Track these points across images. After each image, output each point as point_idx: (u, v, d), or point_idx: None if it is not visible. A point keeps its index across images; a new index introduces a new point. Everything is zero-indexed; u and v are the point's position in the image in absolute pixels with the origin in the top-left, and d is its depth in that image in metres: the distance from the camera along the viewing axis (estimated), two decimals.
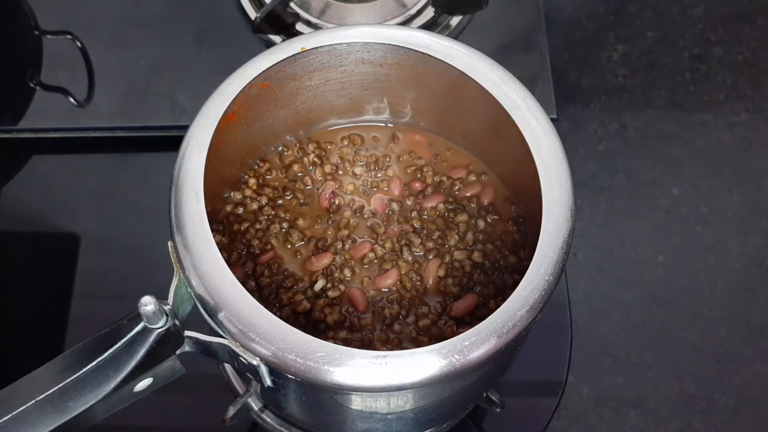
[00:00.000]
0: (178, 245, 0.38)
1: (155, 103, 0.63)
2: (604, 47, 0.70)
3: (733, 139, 0.65)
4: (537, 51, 0.65)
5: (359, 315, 0.45)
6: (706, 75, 0.68)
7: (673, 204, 0.63)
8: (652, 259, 0.61)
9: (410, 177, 0.49)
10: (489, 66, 0.43)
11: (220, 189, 0.48)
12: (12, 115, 0.63)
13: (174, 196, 0.39)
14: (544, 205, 0.39)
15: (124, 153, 0.64)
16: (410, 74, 0.46)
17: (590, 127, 0.66)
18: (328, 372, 0.35)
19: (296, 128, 0.50)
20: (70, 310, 0.57)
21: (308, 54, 0.44)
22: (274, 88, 0.45)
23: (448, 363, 0.35)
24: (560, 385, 0.56)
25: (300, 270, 0.47)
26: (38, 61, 0.65)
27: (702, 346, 0.59)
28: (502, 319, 0.36)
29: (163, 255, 0.39)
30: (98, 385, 0.36)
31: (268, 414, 0.54)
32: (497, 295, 0.45)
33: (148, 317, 0.35)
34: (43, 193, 0.63)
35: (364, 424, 0.45)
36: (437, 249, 0.47)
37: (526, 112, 0.42)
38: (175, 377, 0.40)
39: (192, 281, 0.37)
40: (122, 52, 0.65)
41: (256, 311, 0.36)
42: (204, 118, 0.41)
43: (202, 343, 0.38)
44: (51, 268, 0.60)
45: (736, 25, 0.71)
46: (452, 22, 0.66)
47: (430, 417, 0.48)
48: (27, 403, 0.34)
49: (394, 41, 0.44)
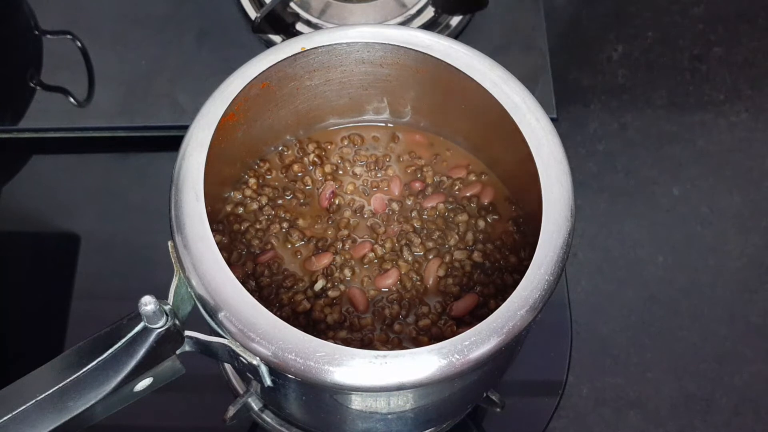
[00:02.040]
0: (178, 245, 0.38)
1: (155, 103, 0.63)
2: (604, 47, 0.70)
3: (733, 139, 0.65)
4: (537, 51, 0.65)
5: (359, 315, 0.45)
6: (706, 75, 0.68)
7: (673, 204, 0.63)
8: (652, 259, 0.61)
9: (410, 177, 0.49)
10: (489, 66, 0.43)
11: (220, 189, 0.48)
12: (12, 115, 0.63)
13: (174, 196, 0.39)
14: (544, 205, 0.39)
15: (124, 153, 0.64)
16: (410, 74, 0.46)
17: (590, 127, 0.66)
18: (328, 372, 0.35)
19: (296, 128, 0.50)
20: (70, 310, 0.57)
21: (308, 54, 0.44)
22: (274, 88, 0.45)
23: (448, 363, 0.35)
24: (560, 385, 0.56)
25: (300, 270, 0.47)
26: (38, 61, 0.65)
27: (702, 346, 0.59)
28: (502, 319, 0.36)
29: (163, 255, 0.39)
30: (98, 385, 0.36)
31: (268, 414, 0.54)
32: (497, 295, 0.45)
33: (148, 317, 0.35)
34: (43, 193, 0.63)
35: (364, 424, 0.45)
36: (437, 249, 0.47)
37: (526, 112, 0.42)
38: (175, 377, 0.40)
39: (192, 281, 0.37)
40: (122, 52, 0.65)
41: (256, 311, 0.36)
42: (204, 118, 0.41)
43: (202, 343, 0.38)
44: (51, 268, 0.60)
45: (736, 25, 0.71)
46: (452, 22, 0.66)
47: (430, 417, 0.48)
48: (27, 403, 0.34)
49: (394, 41, 0.44)
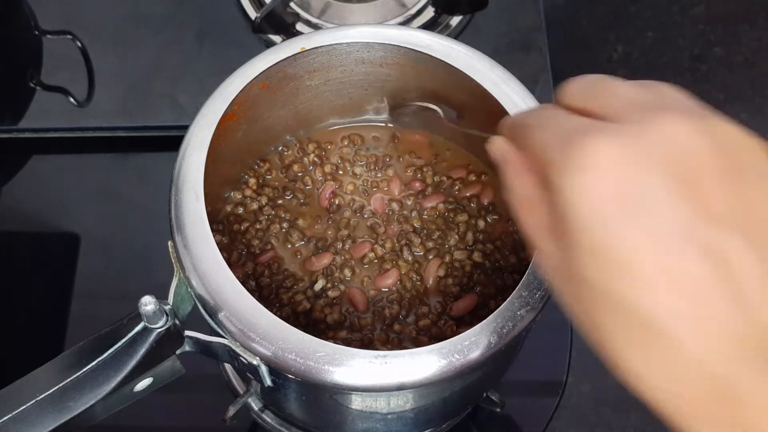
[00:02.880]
0: (178, 245, 0.38)
1: (155, 103, 0.63)
2: (604, 47, 0.70)
3: None
4: (537, 51, 0.65)
5: (359, 315, 0.45)
6: (706, 75, 0.68)
7: None
8: None
9: (410, 177, 0.49)
10: (489, 66, 0.43)
11: (220, 189, 0.48)
12: (12, 115, 0.63)
13: (174, 196, 0.39)
14: None
15: (124, 153, 0.64)
16: (410, 74, 0.46)
17: None
18: (328, 372, 0.35)
19: (296, 128, 0.50)
20: (70, 310, 0.58)
21: (308, 54, 0.44)
22: (274, 88, 0.45)
23: (448, 363, 0.35)
24: (560, 384, 0.56)
25: (300, 270, 0.46)
26: (38, 61, 0.65)
27: None
28: (502, 319, 0.36)
29: (163, 255, 0.39)
30: (98, 385, 0.36)
31: (268, 414, 0.54)
32: (497, 295, 0.45)
33: (148, 317, 0.35)
34: (43, 193, 0.63)
35: (364, 424, 0.45)
36: (437, 249, 0.47)
37: None
38: (175, 377, 0.40)
39: (192, 281, 0.37)
40: (122, 52, 0.65)
41: (256, 311, 0.36)
42: (204, 118, 0.41)
43: (202, 343, 0.38)
44: (51, 268, 0.60)
45: (736, 25, 0.71)
46: (452, 22, 0.66)
47: (430, 417, 0.48)
48: (27, 403, 0.34)
49: (394, 41, 0.44)
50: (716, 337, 0.24)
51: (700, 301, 0.24)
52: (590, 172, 0.25)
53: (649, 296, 0.25)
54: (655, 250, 0.25)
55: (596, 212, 0.25)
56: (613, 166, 0.25)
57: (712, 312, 0.24)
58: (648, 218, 0.25)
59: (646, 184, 0.25)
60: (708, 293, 0.24)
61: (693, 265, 0.24)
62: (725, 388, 0.24)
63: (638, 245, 0.25)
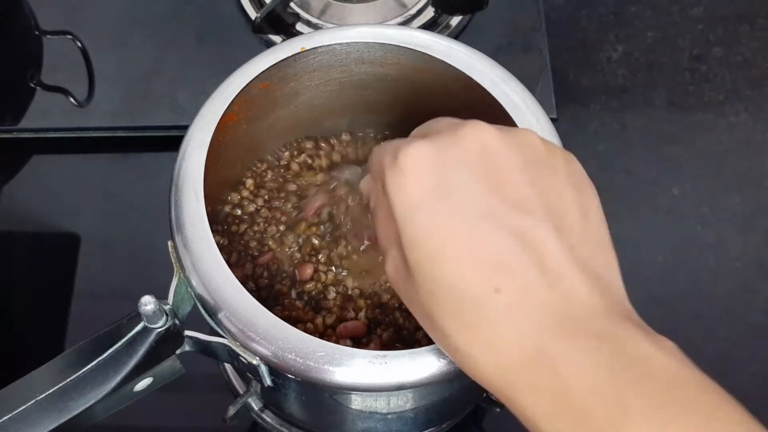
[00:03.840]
0: (178, 245, 0.38)
1: (155, 103, 0.63)
2: (604, 47, 0.69)
3: (733, 139, 0.65)
4: (537, 51, 0.65)
5: (356, 312, 0.45)
6: (706, 75, 0.68)
7: (673, 204, 0.63)
8: (652, 259, 0.61)
9: None
10: (489, 66, 0.43)
11: (220, 189, 0.48)
12: (12, 115, 0.63)
13: (174, 196, 0.39)
14: None
15: (124, 153, 0.64)
16: (410, 74, 0.46)
17: (590, 127, 0.66)
18: (328, 372, 0.35)
19: (296, 128, 0.50)
20: (70, 310, 0.57)
21: (308, 54, 0.44)
22: (274, 88, 0.45)
23: (448, 363, 0.35)
24: None
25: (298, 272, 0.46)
26: (38, 61, 0.65)
27: (702, 346, 0.59)
28: None
29: (163, 255, 0.39)
30: (98, 385, 0.36)
31: (268, 414, 0.54)
32: None
33: (148, 317, 0.35)
34: (43, 193, 0.63)
35: (364, 424, 0.45)
36: None
37: (526, 112, 0.42)
38: (175, 377, 0.40)
39: (192, 281, 0.37)
40: (122, 52, 0.65)
41: (256, 311, 0.36)
42: (204, 118, 0.41)
43: (202, 342, 0.38)
44: (51, 268, 0.60)
45: (736, 25, 0.70)
46: (452, 22, 0.66)
47: (430, 417, 0.48)
48: (27, 403, 0.34)
49: (394, 41, 0.44)
50: (528, 309, 0.27)
51: (508, 277, 0.27)
52: (409, 170, 0.29)
53: (462, 275, 0.28)
54: (464, 233, 0.28)
55: (413, 204, 0.29)
56: (428, 166, 0.29)
57: (521, 286, 0.27)
58: (457, 206, 0.28)
59: (456, 178, 0.29)
60: (516, 269, 0.27)
61: (499, 245, 0.28)
62: (542, 357, 0.27)
63: (448, 230, 0.28)
